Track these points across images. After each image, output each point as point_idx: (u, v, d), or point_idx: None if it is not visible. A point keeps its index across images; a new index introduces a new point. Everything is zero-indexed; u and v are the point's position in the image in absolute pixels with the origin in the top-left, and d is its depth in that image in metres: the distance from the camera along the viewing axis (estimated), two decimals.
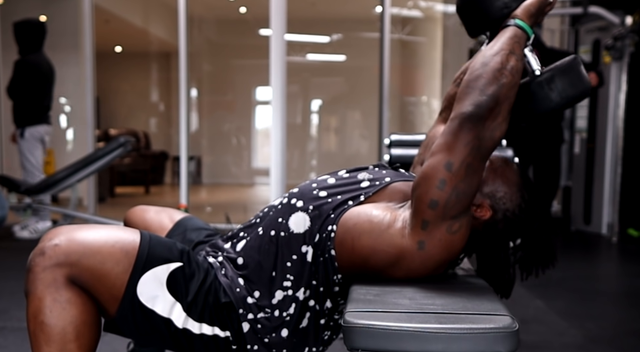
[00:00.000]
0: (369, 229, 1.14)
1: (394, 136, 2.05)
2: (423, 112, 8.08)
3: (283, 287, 1.18)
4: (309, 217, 1.20)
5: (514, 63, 1.09)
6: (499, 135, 1.08)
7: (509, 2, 1.17)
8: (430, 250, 1.10)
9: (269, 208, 1.28)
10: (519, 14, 1.15)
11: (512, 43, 1.11)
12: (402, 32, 7.84)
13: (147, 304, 1.09)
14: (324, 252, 1.17)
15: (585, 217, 4.94)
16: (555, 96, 1.17)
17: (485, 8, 1.19)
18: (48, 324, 1.04)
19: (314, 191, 1.24)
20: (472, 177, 1.08)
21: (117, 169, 7.80)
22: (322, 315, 1.21)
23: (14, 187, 4.19)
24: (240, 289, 1.18)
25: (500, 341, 0.89)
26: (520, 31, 1.13)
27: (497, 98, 1.06)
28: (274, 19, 4.47)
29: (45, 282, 1.03)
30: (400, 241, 1.11)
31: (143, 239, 1.11)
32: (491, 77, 1.07)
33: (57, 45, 6.42)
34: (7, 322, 2.36)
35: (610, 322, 2.55)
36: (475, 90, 1.07)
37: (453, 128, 1.07)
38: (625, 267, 3.91)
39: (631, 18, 4.41)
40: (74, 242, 1.05)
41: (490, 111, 1.06)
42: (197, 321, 1.13)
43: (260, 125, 9.60)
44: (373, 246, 1.13)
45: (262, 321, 1.17)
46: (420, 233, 1.10)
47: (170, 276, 1.11)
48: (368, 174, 1.28)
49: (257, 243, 1.22)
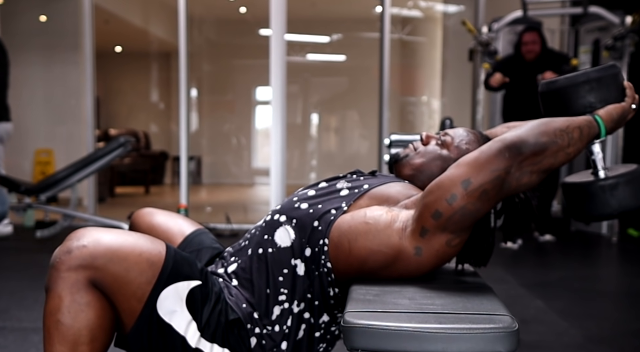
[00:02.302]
0: (365, 231, 1.14)
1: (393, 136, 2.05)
2: (423, 112, 8.08)
3: (279, 301, 1.19)
4: (293, 229, 1.20)
5: (576, 136, 1.09)
6: (526, 182, 1.07)
7: (594, 102, 1.17)
8: (427, 258, 1.12)
9: (255, 229, 1.29)
10: (601, 112, 1.16)
11: (583, 124, 1.11)
12: (402, 32, 7.84)
13: (165, 318, 1.09)
14: (318, 266, 1.18)
15: None
16: (614, 203, 1.17)
17: (569, 103, 1.18)
18: (64, 324, 1.04)
19: (295, 204, 1.24)
20: (483, 203, 1.07)
21: (117, 169, 7.80)
22: (318, 328, 1.22)
23: (14, 187, 4.19)
24: (245, 305, 1.19)
25: (500, 341, 0.89)
26: (595, 124, 1.14)
27: (545, 149, 1.05)
28: (274, 19, 4.47)
29: (68, 281, 1.03)
30: (398, 241, 1.12)
31: (169, 252, 1.11)
32: (551, 130, 1.07)
33: (57, 45, 6.44)
34: (7, 322, 2.36)
35: (610, 322, 2.55)
36: (529, 132, 1.06)
37: (491, 149, 1.07)
38: (625, 267, 3.91)
39: (631, 18, 4.41)
40: (102, 246, 1.05)
41: (533, 155, 1.05)
42: (209, 342, 1.13)
43: (260, 125, 9.60)
44: (370, 247, 1.13)
45: (265, 337, 1.18)
46: (419, 239, 1.10)
47: (190, 293, 1.11)
48: (346, 183, 1.28)
49: (248, 264, 1.23)
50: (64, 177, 4.28)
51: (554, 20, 5.64)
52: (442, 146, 1.32)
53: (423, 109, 8.12)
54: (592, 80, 1.17)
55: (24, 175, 6.02)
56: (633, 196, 1.17)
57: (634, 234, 4.64)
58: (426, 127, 7.61)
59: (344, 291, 1.20)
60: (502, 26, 4.82)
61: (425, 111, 8.03)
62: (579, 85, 1.17)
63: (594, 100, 1.17)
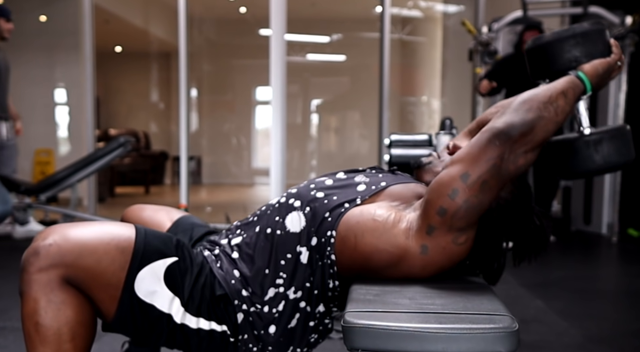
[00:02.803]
0: (373, 228, 1.14)
1: (393, 136, 2.05)
2: (423, 112, 8.08)
3: (275, 284, 1.19)
4: (305, 216, 1.20)
5: (562, 103, 1.09)
6: (523, 164, 1.07)
7: (580, 56, 1.17)
8: (433, 256, 1.11)
9: (266, 207, 1.29)
10: (586, 69, 1.16)
11: (567, 87, 1.12)
12: (402, 32, 7.84)
13: (145, 299, 1.09)
14: (322, 257, 1.18)
15: (585, 217, 4.94)
16: (598, 159, 1.17)
17: (554, 57, 1.19)
18: (43, 325, 1.03)
19: (312, 191, 1.24)
20: (485, 194, 1.07)
21: (117, 169, 7.79)
22: (313, 318, 1.21)
23: (14, 187, 4.19)
24: (235, 281, 1.18)
25: (500, 341, 0.89)
26: (579, 82, 1.14)
27: (533, 126, 1.05)
28: (274, 19, 4.47)
29: (40, 283, 1.03)
30: (405, 241, 1.11)
31: (138, 234, 1.11)
32: (535, 106, 1.07)
33: (57, 45, 6.44)
34: (7, 322, 2.36)
35: (610, 322, 2.55)
36: (515, 112, 1.07)
37: (481, 140, 1.07)
38: (625, 267, 3.91)
39: (631, 18, 4.41)
40: (69, 242, 1.04)
41: (523, 136, 1.05)
42: (195, 316, 1.13)
43: (260, 125, 9.60)
44: (376, 245, 1.13)
45: (253, 315, 1.18)
46: (425, 237, 1.10)
47: (167, 270, 1.11)
48: (365, 177, 1.28)
49: (253, 240, 1.23)
50: (64, 177, 4.28)
51: (554, 20, 5.63)
52: None
53: (423, 109, 8.12)
54: (577, 35, 1.18)
55: (24, 175, 6.02)
56: (617, 152, 1.18)
57: (634, 234, 4.64)
58: (426, 127, 7.61)
59: (343, 285, 1.20)
60: (502, 26, 4.82)
61: (425, 111, 8.03)
62: (565, 39, 1.18)
63: (580, 55, 1.17)
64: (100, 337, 2.14)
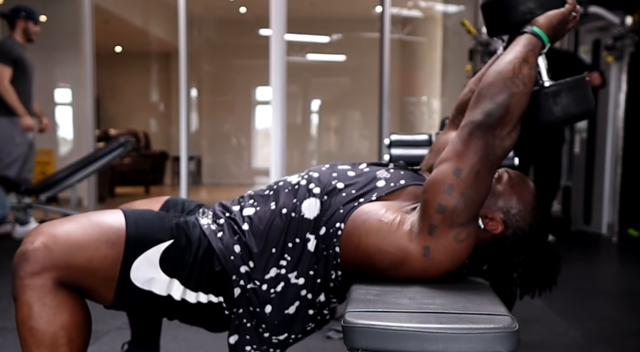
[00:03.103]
0: (377, 228, 1.13)
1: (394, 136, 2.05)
2: (423, 112, 8.08)
3: (279, 265, 1.18)
4: (321, 205, 1.20)
5: (526, 71, 1.09)
6: (509, 144, 1.08)
7: (534, 8, 1.17)
8: (435, 257, 1.10)
9: (284, 184, 1.27)
10: (540, 22, 1.16)
11: (526, 51, 1.12)
12: (402, 32, 7.84)
13: (143, 287, 1.10)
14: (328, 247, 1.17)
15: (585, 217, 4.94)
16: (558, 110, 1.18)
17: (509, 11, 1.19)
18: (38, 329, 1.03)
19: (333, 181, 1.24)
20: (480, 184, 1.07)
21: (117, 169, 7.79)
22: (313, 306, 1.21)
23: (14, 187, 4.19)
24: (234, 257, 1.18)
25: (500, 341, 0.89)
26: (536, 39, 1.14)
27: (507, 107, 1.06)
28: (274, 19, 4.47)
29: (34, 287, 1.02)
30: (407, 244, 1.11)
31: (128, 223, 1.10)
32: (502, 85, 1.07)
33: (57, 45, 6.44)
34: (7, 322, 2.36)
35: (610, 322, 2.55)
36: (486, 99, 1.07)
37: (463, 136, 1.08)
38: (625, 267, 3.91)
39: (631, 18, 4.41)
40: (58, 243, 1.04)
41: (500, 120, 1.06)
42: (194, 291, 1.14)
43: (260, 125, 9.60)
44: (379, 246, 1.13)
45: (250, 292, 1.17)
46: (427, 238, 1.09)
47: (162, 256, 1.11)
48: (386, 173, 1.27)
49: (267, 216, 1.21)
50: (64, 177, 4.28)
51: None
52: (497, 180, 1.23)
53: (423, 109, 8.12)
54: None
55: None
56: (576, 103, 1.18)
57: (634, 234, 4.64)
58: (426, 127, 7.61)
59: (344, 278, 1.20)
60: None
61: (425, 111, 8.03)
62: None
63: (534, 6, 1.17)
64: (100, 337, 2.14)
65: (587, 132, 4.91)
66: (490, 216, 1.16)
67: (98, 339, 2.12)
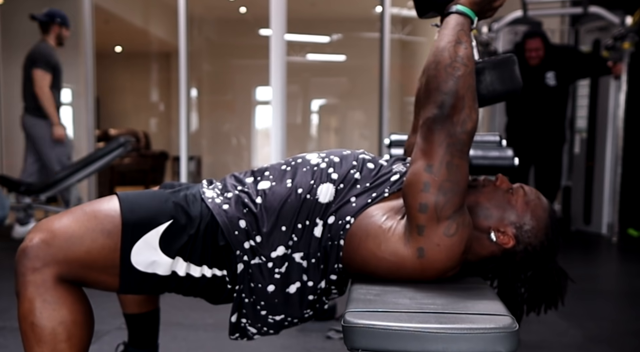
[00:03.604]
0: (375, 235, 1.13)
1: (394, 136, 2.05)
2: None
3: (286, 244, 1.17)
4: (336, 192, 1.19)
5: (462, 52, 1.09)
6: (471, 126, 1.07)
7: None
8: (430, 256, 1.09)
9: (303, 162, 1.26)
10: (463, 1, 1.15)
11: (456, 32, 1.11)
12: (402, 32, 7.84)
13: (147, 270, 1.11)
14: (334, 238, 1.17)
15: (585, 217, 4.94)
16: (481, 88, 1.16)
17: None
18: (38, 325, 1.05)
19: (352, 169, 1.23)
20: (455, 173, 1.07)
21: (117, 169, 7.80)
22: (313, 292, 1.21)
23: (14, 187, 4.19)
24: (239, 232, 1.17)
25: (500, 341, 0.89)
26: (463, 17, 1.13)
27: (456, 92, 1.06)
28: (274, 19, 4.46)
29: (35, 283, 1.04)
30: (402, 249, 1.10)
31: (124, 209, 1.11)
32: (444, 74, 1.07)
33: None
34: (7, 322, 2.36)
35: (610, 322, 2.55)
36: (433, 92, 1.07)
37: (424, 133, 1.08)
38: (625, 267, 3.91)
39: (631, 18, 4.41)
40: (55, 238, 1.05)
41: (454, 107, 1.06)
42: (198, 265, 1.15)
43: (260, 125, 9.60)
44: (375, 252, 1.12)
45: (253, 267, 1.17)
46: (418, 239, 1.09)
47: (161, 238, 1.11)
48: (403, 168, 1.27)
49: (283, 192, 1.20)
50: (64, 177, 4.27)
51: (554, 20, 5.63)
52: (512, 194, 1.22)
53: None
54: None
55: None
56: (500, 81, 1.16)
57: (634, 234, 4.64)
58: None
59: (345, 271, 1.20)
60: (502, 26, 4.82)
61: None
62: None
63: None
64: (100, 337, 2.14)
65: (587, 132, 4.91)
66: (503, 230, 1.16)
67: (98, 339, 2.12)
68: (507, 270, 1.21)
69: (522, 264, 1.20)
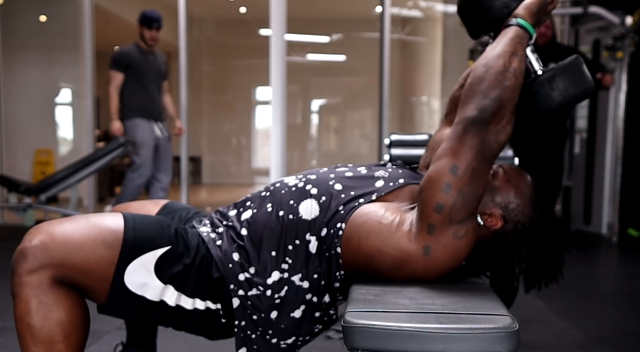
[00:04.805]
0: (377, 230, 1.13)
1: (394, 136, 2.05)
2: (423, 112, 8.08)
3: (280, 268, 1.17)
4: (319, 206, 1.19)
5: (516, 65, 1.09)
6: (504, 138, 1.08)
7: (508, 1, 1.17)
8: (435, 256, 1.10)
9: (281, 185, 1.27)
10: (521, 12, 1.15)
11: (514, 44, 1.11)
12: (402, 32, 7.84)
13: (136, 291, 1.09)
14: (330, 248, 1.17)
15: (585, 217, 4.94)
16: (556, 95, 1.17)
17: (485, 9, 1.19)
18: (35, 326, 1.04)
19: (330, 181, 1.23)
20: (477, 180, 1.07)
21: (117, 169, 7.79)
22: (319, 308, 1.21)
23: (14, 187, 4.19)
24: (233, 265, 1.17)
25: (500, 341, 0.89)
26: (522, 31, 1.13)
27: (500, 101, 1.06)
28: (274, 19, 4.47)
29: (31, 285, 1.03)
30: (407, 244, 1.11)
31: (127, 226, 1.10)
32: (494, 80, 1.07)
33: (57, 45, 6.44)
34: (7, 322, 2.36)
35: (610, 322, 2.55)
36: (478, 94, 1.07)
37: (457, 132, 1.07)
38: (625, 267, 3.91)
39: (631, 18, 4.41)
40: (55, 241, 1.04)
41: (494, 115, 1.06)
42: (190, 297, 1.14)
43: (260, 125, 9.60)
44: (379, 247, 1.12)
45: (252, 299, 1.16)
46: (427, 237, 1.09)
47: (158, 262, 1.11)
48: (384, 173, 1.27)
49: (264, 219, 1.20)
50: (64, 177, 4.28)
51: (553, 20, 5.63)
52: (493, 176, 1.24)
53: (423, 109, 8.11)
54: None
55: (24, 175, 6.02)
56: (573, 84, 1.17)
57: (634, 234, 4.64)
58: (426, 127, 7.61)
59: (348, 276, 1.19)
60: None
61: (425, 111, 8.03)
62: None
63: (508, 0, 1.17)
64: (100, 337, 2.14)
65: (587, 132, 4.91)
66: (489, 212, 1.16)
67: (98, 339, 2.12)
68: (500, 251, 1.19)
69: (514, 243, 1.19)
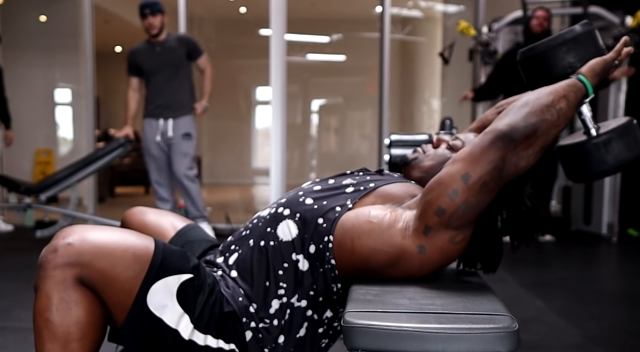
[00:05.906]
0: (369, 229, 1.13)
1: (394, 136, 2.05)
2: (423, 112, 8.08)
3: (278, 295, 1.18)
4: (295, 224, 1.20)
5: (564, 106, 1.09)
6: (524, 166, 1.07)
7: (574, 62, 1.17)
8: (430, 256, 1.11)
9: (257, 219, 1.28)
10: (583, 70, 1.16)
11: (568, 90, 1.11)
12: (402, 32, 7.84)
13: (155, 312, 1.09)
14: (323, 263, 1.17)
15: (585, 217, 4.93)
16: (610, 159, 1.17)
17: (550, 66, 1.19)
18: (53, 322, 1.04)
19: (300, 198, 1.24)
20: (484, 195, 1.07)
21: (117, 169, 7.79)
22: (321, 324, 1.21)
23: (14, 187, 4.19)
24: (242, 299, 1.18)
25: (500, 341, 0.89)
26: (580, 84, 1.14)
27: (536, 129, 1.06)
28: (274, 19, 4.47)
29: (55, 280, 1.04)
30: (401, 241, 1.11)
31: (157, 247, 1.11)
32: (537, 109, 1.07)
33: (57, 45, 6.44)
34: (7, 322, 2.36)
35: (610, 322, 2.55)
36: (518, 114, 1.07)
37: (484, 141, 1.07)
38: (625, 267, 3.91)
39: (631, 18, 4.41)
40: (87, 243, 1.05)
41: (525, 139, 1.05)
42: (203, 333, 1.13)
43: (260, 125, 9.60)
44: (373, 246, 1.13)
45: (262, 331, 1.18)
46: (422, 237, 1.10)
47: (180, 287, 1.11)
48: (352, 180, 1.28)
49: (249, 255, 1.22)
50: (64, 177, 4.27)
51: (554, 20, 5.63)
52: (452, 150, 1.30)
53: (423, 109, 8.11)
54: (568, 41, 1.18)
55: (24, 175, 6.02)
56: (627, 149, 1.18)
57: (634, 234, 4.64)
58: (426, 127, 7.61)
59: (346, 287, 1.20)
60: (502, 26, 4.82)
61: (425, 111, 8.03)
62: (556, 47, 1.18)
63: (574, 60, 1.17)
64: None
65: None
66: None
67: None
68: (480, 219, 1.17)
69: (492, 207, 1.17)
